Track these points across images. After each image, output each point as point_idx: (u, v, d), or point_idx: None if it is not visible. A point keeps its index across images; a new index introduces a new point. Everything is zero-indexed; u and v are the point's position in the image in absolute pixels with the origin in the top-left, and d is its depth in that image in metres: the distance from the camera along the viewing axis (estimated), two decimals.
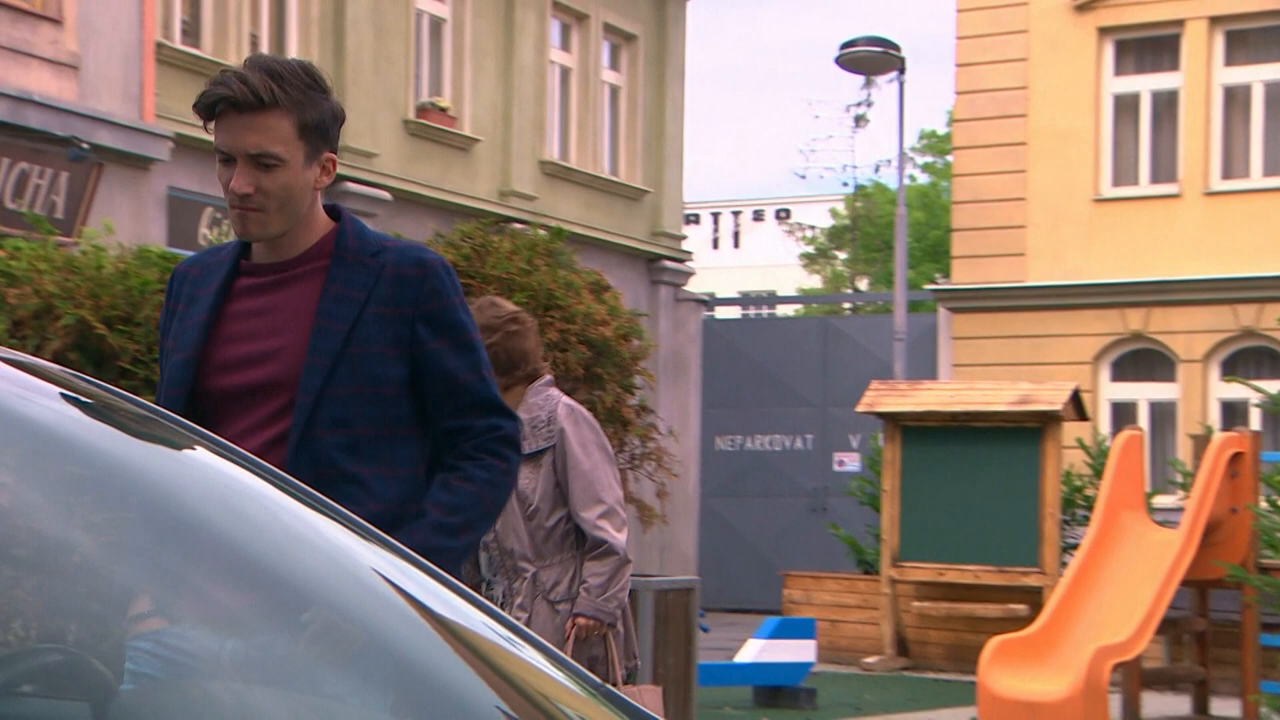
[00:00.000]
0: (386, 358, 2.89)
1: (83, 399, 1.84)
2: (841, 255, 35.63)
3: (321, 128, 2.87)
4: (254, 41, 13.48)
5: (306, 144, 2.86)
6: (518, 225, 10.11)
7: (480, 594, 3.80)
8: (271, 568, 1.74)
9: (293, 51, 13.79)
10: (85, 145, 11.17)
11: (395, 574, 1.80)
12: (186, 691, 1.60)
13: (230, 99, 2.81)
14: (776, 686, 10.09)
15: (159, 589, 1.68)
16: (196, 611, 1.67)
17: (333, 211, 2.99)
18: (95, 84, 11.63)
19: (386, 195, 14.32)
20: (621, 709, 1.75)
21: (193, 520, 1.75)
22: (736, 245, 49.92)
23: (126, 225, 10.95)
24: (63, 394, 1.81)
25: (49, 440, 1.75)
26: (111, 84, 11.76)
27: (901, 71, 15.38)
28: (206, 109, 2.84)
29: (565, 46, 17.21)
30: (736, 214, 50.64)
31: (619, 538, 4.34)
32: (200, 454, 1.85)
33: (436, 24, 15.46)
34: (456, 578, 2.03)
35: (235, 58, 12.97)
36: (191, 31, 13.06)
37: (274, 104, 2.81)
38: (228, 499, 1.81)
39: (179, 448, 1.85)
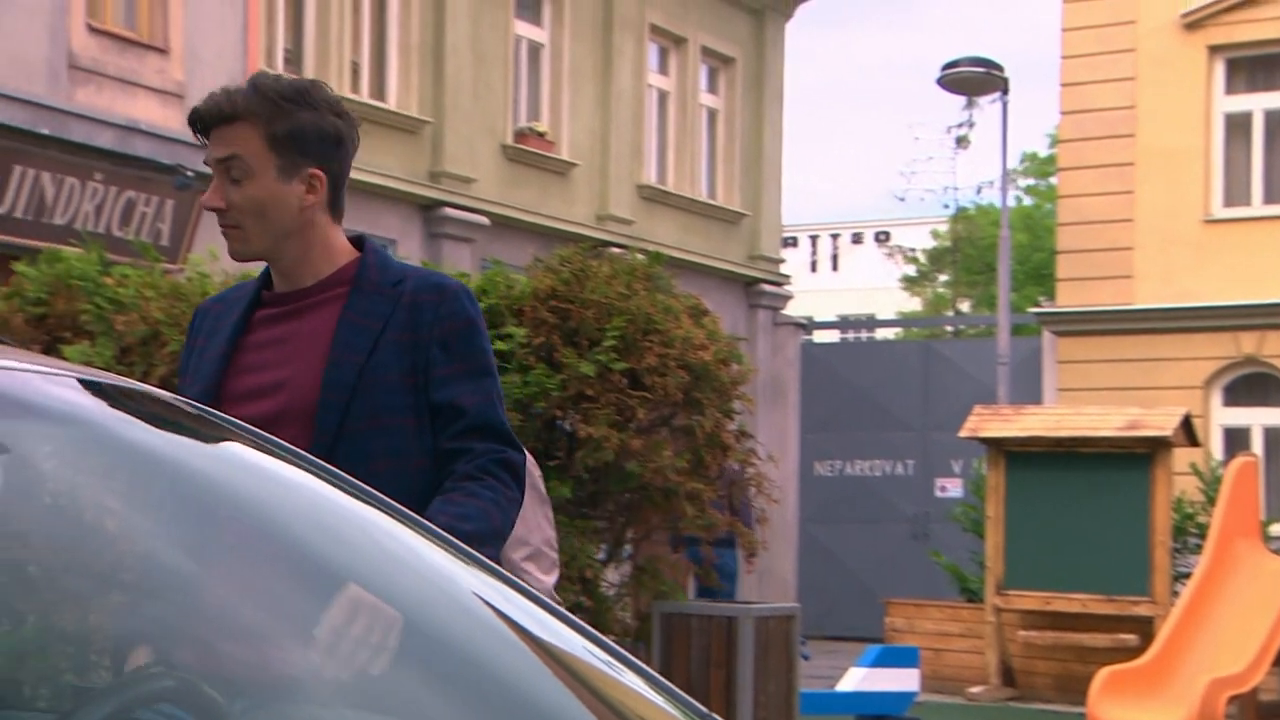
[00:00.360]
0: (404, 387, 2.77)
1: (189, 426, 1.83)
2: (942, 278, 35.28)
3: (297, 140, 2.75)
4: (354, 69, 13.62)
5: (278, 156, 2.74)
6: (615, 249, 10.08)
7: None
8: (375, 592, 1.72)
9: (393, 78, 13.91)
10: (190, 173, 11.33)
11: (495, 597, 1.78)
12: (292, 715, 1.59)
13: (199, 114, 2.77)
14: (879, 716, 9.92)
15: (265, 614, 1.68)
16: (301, 636, 1.67)
17: (358, 242, 2.89)
18: None
19: (484, 220, 14.38)
20: None
21: (300, 546, 1.75)
22: (835, 268, 49.68)
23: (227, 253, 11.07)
24: (168, 421, 1.80)
25: (156, 466, 1.74)
26: None
27: (1005, 92, 15.19)
28: (193, 129, 2.81)
29: (663, 70, 17.21)
30: (835, 237, 50.41)
31: (545, 580, 4.18)
32: (305, 479, 1.83)
33: (535, 49, 15.52)
34: None
35: (337, 85, 13.10)
36: (294, 59, 13.21)
37: (236, 115, 2.73)
38: (333, 524, 1.79)
39: (285, 473, 1.83)
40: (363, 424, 2.73)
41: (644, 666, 1.84)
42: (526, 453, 2.95)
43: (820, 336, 23.51)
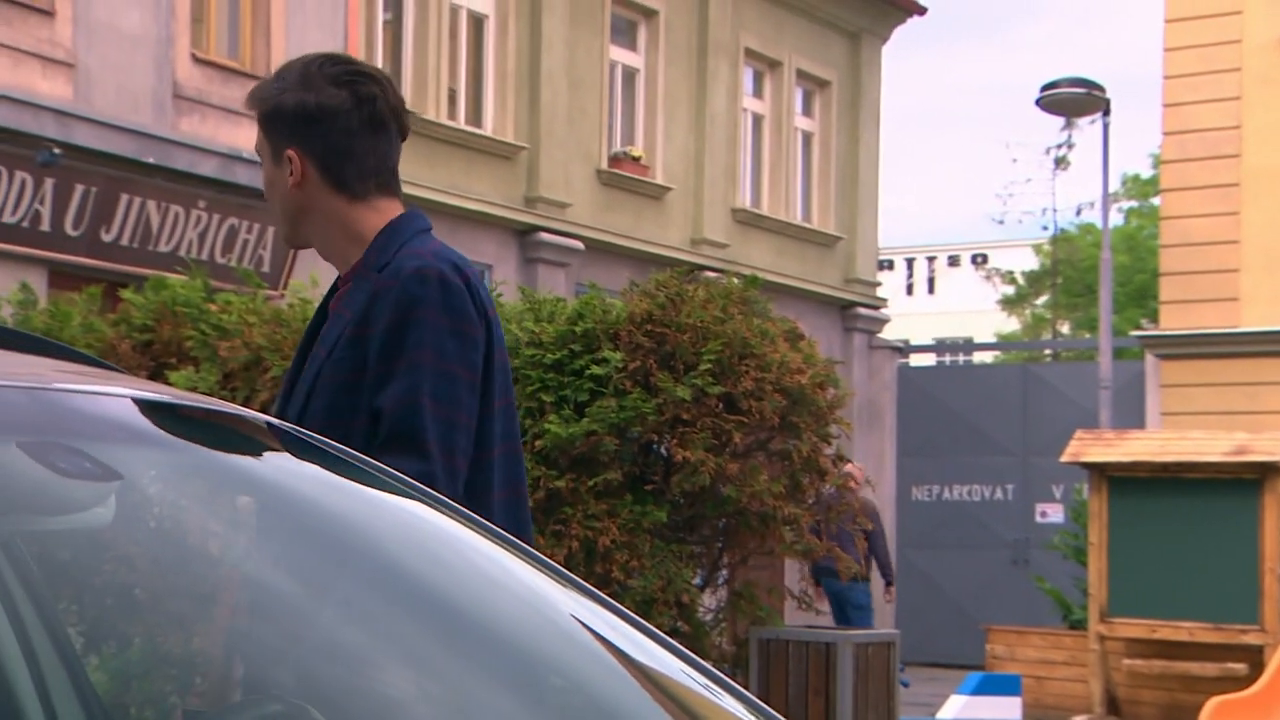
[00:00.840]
0: (357, 387, 2.54)
1: (290, 451, 1.84)
2: (1041, 300, 34.86)
3: (274, 122, 2.66)
4: (451, 95, 13.75)
5: (267, 140, 2.70)
6: (710, 273, 10.07)
7: None
8: (475, 615, 1.72)
9: (489, 105, 14.03)
10: None
11: (593, 620, 1.77)
12: None
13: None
14: None
15: (368, 638, 1.68)
16: (407, 661, 1.67)
17: (401, 221, 2.70)
18: None
19: (579, 245, 14.43)
20: None
21: (400, 569, 1.75)
22: (931, 291, 49.27)
23: (328, 278, 11.19)
24: (270, 447, 1.81)
25: (260, 491, 1.75)
26: None
27: (1106, 113, 14.98)
28: None
29: (758, 94, 17.19)
30: (931, 259, 50.02)
31: None
32: (403, 501, 1.83)
33: (630, 74, 15.58)
34: None
35: (434, 112, 13.23)
36: None
37: (251, 107, 2.74)
38: (433, 547, 1.79)
39: (381, 496, 1.84)
40: (316, 424, 2.47)
41: (743, 691, 1.82)
42: (448, 462, 2.52)
43: (917, 360, 23.31)
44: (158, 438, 1.70)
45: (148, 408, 1.72)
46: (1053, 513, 17.44)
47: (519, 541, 1.90)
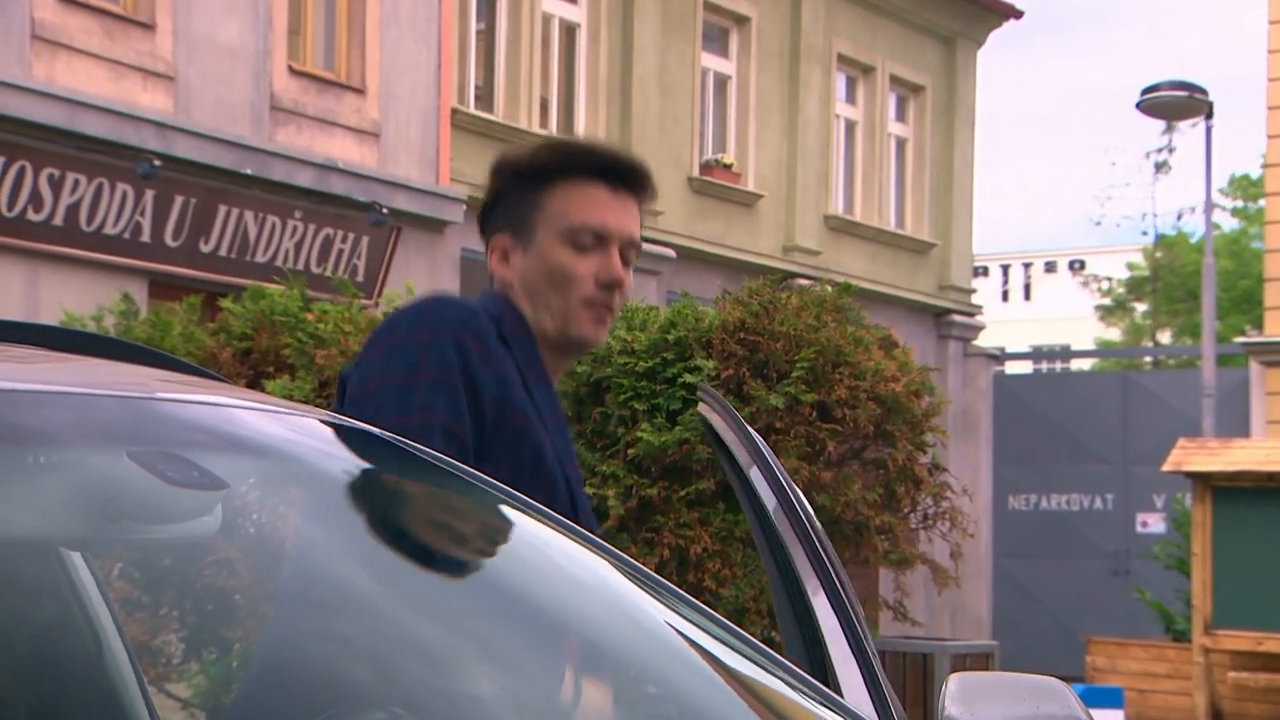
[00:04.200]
0: None
1: (392, 459, 1.84)
2: (1140, 307, 34.33)
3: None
4: (544, 105, 13.80)
5: None
6: (802, 281, 10.02)
7: None
8: (571, 623, 1.72)
9: (581, 113, 14.07)
10: (385, 210, 11.59)
11: (687, 627, 1.75)
12: None
13: (625, 170, 2.41)
14: None
15: (466, 644, 1.68)
16: (500, 666, 1.67)
17: None
18: (394, 150, 12.08)
19: (671, 253, 14.43)
20: None
21: (499, 577, 1.75)
22: (1027, 298, 48.71)
23: (422, 286, 11.29)
24: (371, 455, 1.81)
25: (360, 499, 1.76)
26: (410, 150, 12.20)
27: (1208, 116, 14.71)
28: (592, 169, 2.40)
29: (851, 100, 17.09)
30: (1027, 266, 49.45)
31: None
32: (499, 507, 1.83)
33: (721, 81, 15.55)
34: None
35: (527, 121, 13.30)
36: (485, 96, 13.45)
37: (643, 190, 2.44)
38: (530, 555, 1.79)
39: (479, 503, 1.83)
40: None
41: (839, 700, 1.79)
42: None
43: (1013, 368, 23.04)
44: (260, 446, 1.70)
45: (251, 417, 1.73)
46: (1154, 523, 17.14)
47: (612, 548, 1.89)
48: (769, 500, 2.19)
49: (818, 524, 2.21)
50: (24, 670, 1.53)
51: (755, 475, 2.21)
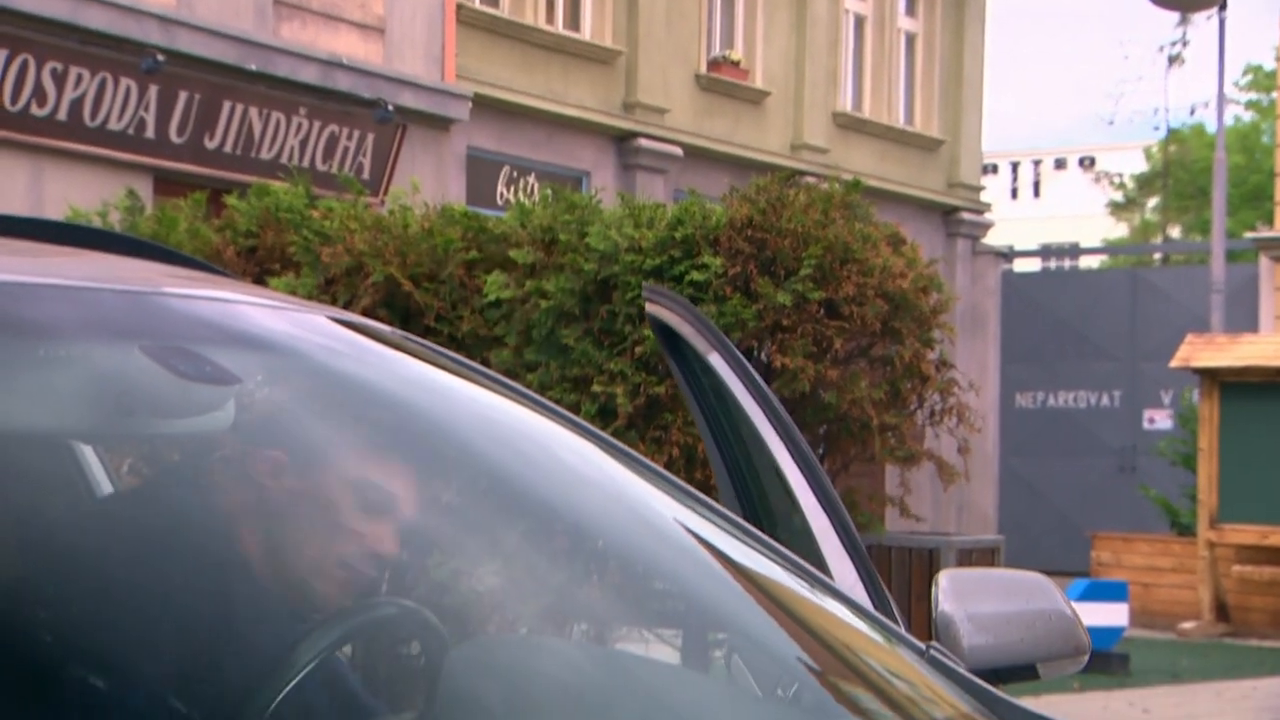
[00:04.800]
0: None
1: (401, 354, 1.84)
2: (1151, 203, 34.13)
3: None
4: (550, 1, 13.64)
5: None
6: (810, 179, 9.95)
7: None
8: (586, 522, 1.72)
9: (587, 9, 13.90)
10: (390, 107, 11.50)
11: (695, 522, 1.76)
12: (509, 644, 1.60)
13: None
14: None
15: (475, 541, 1.69)
16: (512, 565, 1.68)
17: None
18: (400, 46, 11.96)
19: (678, 151, 14.33)
20: (927, 661, 1.67)
21: (510, 474, 1.76)
22: (1037, 195, 48.45)
23: (428, 185, 11.24)
24: (385, 351, 1.81)
25: (375, 395, 1.76)
26: (415, 46, 12.08)
27: (1222, 8, 14.51)
28: None
29: None
30: (1037, 163, 49.12)
31: None
32: (514, 407, 1.83)
33: None
34: None
35: (533, 17, 13.15)
36: None
37: None
38: (540, 453, 1.79)
39: (493, 400, 1.83)
40: None
41: (844, 593, 1.80)
42: None
43: (1021, 265, 22.98)
44: (268, 342, 1.70)
45: (258, 312, 1.72)
46: (1161, 419, 17.19)
47: (623, 446, 1.90)
48: (735, 386, 2.20)
49: (787, 416, 2.22)
50: (37, 565, 1.54)
51: (716, 361, 2.22)
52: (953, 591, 1.86)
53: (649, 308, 2.38)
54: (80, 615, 1.48)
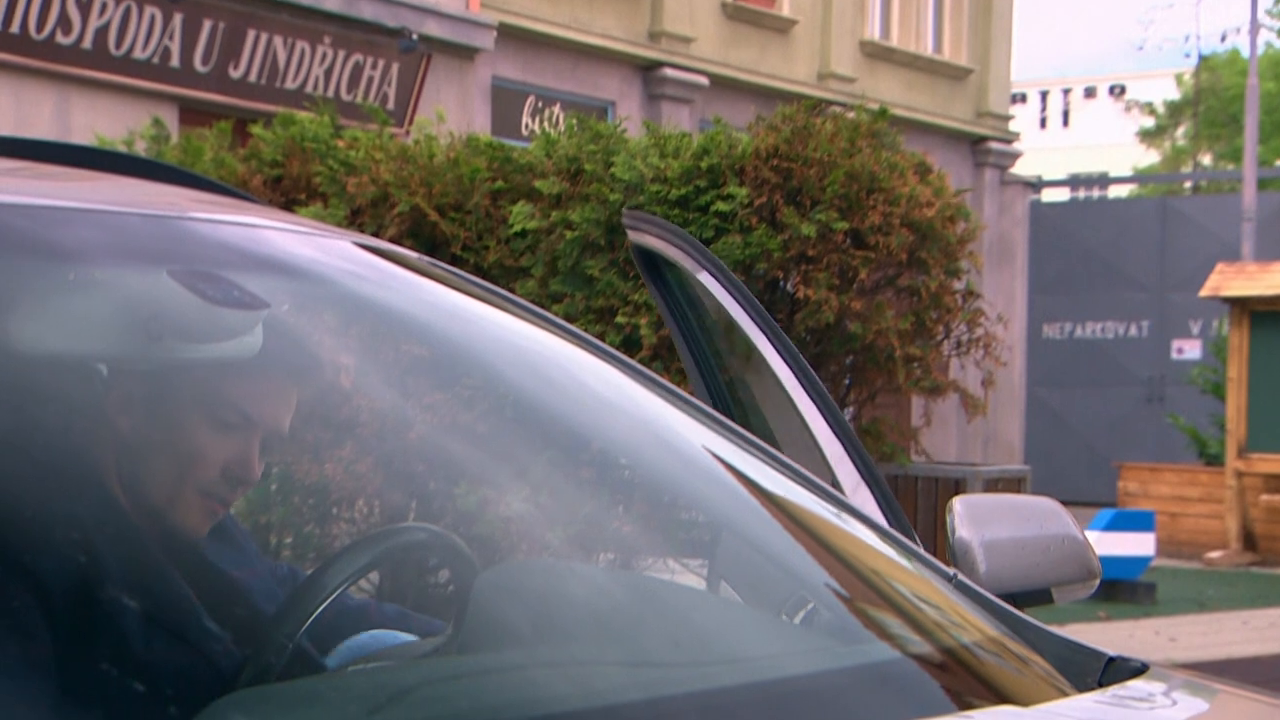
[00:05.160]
0: None
1: (427, 281, 1.84)
2: (1181, 132, 33.79)
3: None
4: None
5: None
6: (837, 108, 9.88)
7: None
8: (612, 445, 1.72)
9: None
10: (415, 36, 11.44)
11: (722, 448, 1.76)
12: (537, 568, 1.61)
13: None
14: (1112, 580, 9.74)
15: (503, 467, 1.69)
16: (540, 491, 1.68)
17: None
18: None
19: (704, 80, 14.23)
20: (954, 586, 1.67)
21: (539, 402, 1.76)
22: (1066, 124, 48.03)
23: (453, 114, 11.21)
24: (411, 277, 1.81)
25: (403, 322, 1.76)
26: None
27: None
28: None
29: None
30: (1066, 92, 48.65)
31: None
32: (542, 334, 1.82)
33: None
34: None
35: None
36: None
37: None
38: (565, 378, 1.79)
39: (521, 327, 1.83)
40: None
41: (870, 518, 1.81)
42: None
43: (1049, 195, 22.81)
44: (295, 268, 1.70)
45: (285, 238, 1.72)
46: (1189, 349, 17.12)
47: (650, 373, 1.89)
48: (734, 310, 2.18)
49: (788, 339, 2.20)
50: (64, 490, 1.55)
51: (706, 279, 2.20)
52: (968, 517, 1.86)
53: (632, 235, 2.34)
54: (107, 537, 1.50)
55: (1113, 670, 1.58)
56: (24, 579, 1.38)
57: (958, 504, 1.90)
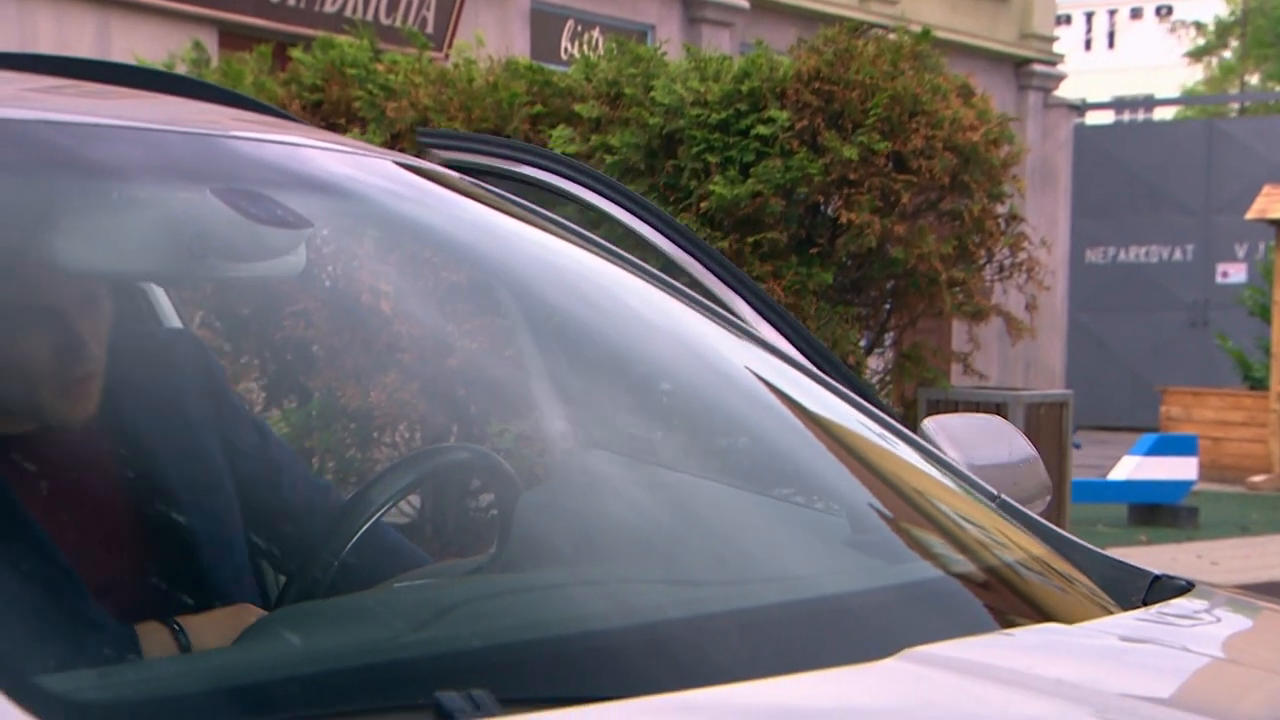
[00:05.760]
0: None
1: (467, 200, 1.83)
2: (1229, 52, 33.25)
3: None
4: None
5: None
6: (878, 30, 9.76)
7: None
8: (659, 369, 1.72)
9: None
10: None
11: (765, 367, 1.75)
12: (576, 487, 1.62)
13: None
14: (1154, 505, 9.71)
15: (547, 388, 1.69)
16: (581, 410, 1.68)
17: None
18: None
19: (744, 3, 14.09)
20: (1000, 506, 1.67)
21: (576, 318, 1.75)
22: (1111, 46, 47.35)
23: (492, 39, 11.14)
24: (452, 196, 1.80)
25: (446, 241, 1.75)
26: None
27: None
28: None
29: None
30: (1112, 13, 47.92)
31: None
32: (580, 253, 1.81)
33: None
34: None
35: None
36: None
37: None
38: (606, 297, 1.78)
39: (562, 246, 1.82)
40: None
41: (915, 437, 1.80)
42: None
43: (1094, 118, 22.55)
44: (337, 187, 1.69)
45: (326, 157, 1.72)
46: (1234, 273, 16.95)
47: (691, 292, 1.88)
48: (633, 223, 2.10)
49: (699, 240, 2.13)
50: (112, 408, 1.56)
51: (601, 204, 2.13)
52: (947, 437, 1.85)
53: (442, 155, 2.24)
54: (159, 456, 1.51)
55: (1158, 589, 1.57)
56: (82, 491, 1.39)
57: (932, 424, 1.90)
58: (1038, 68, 17.49)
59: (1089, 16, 47.80)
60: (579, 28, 13.03)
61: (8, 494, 1.40)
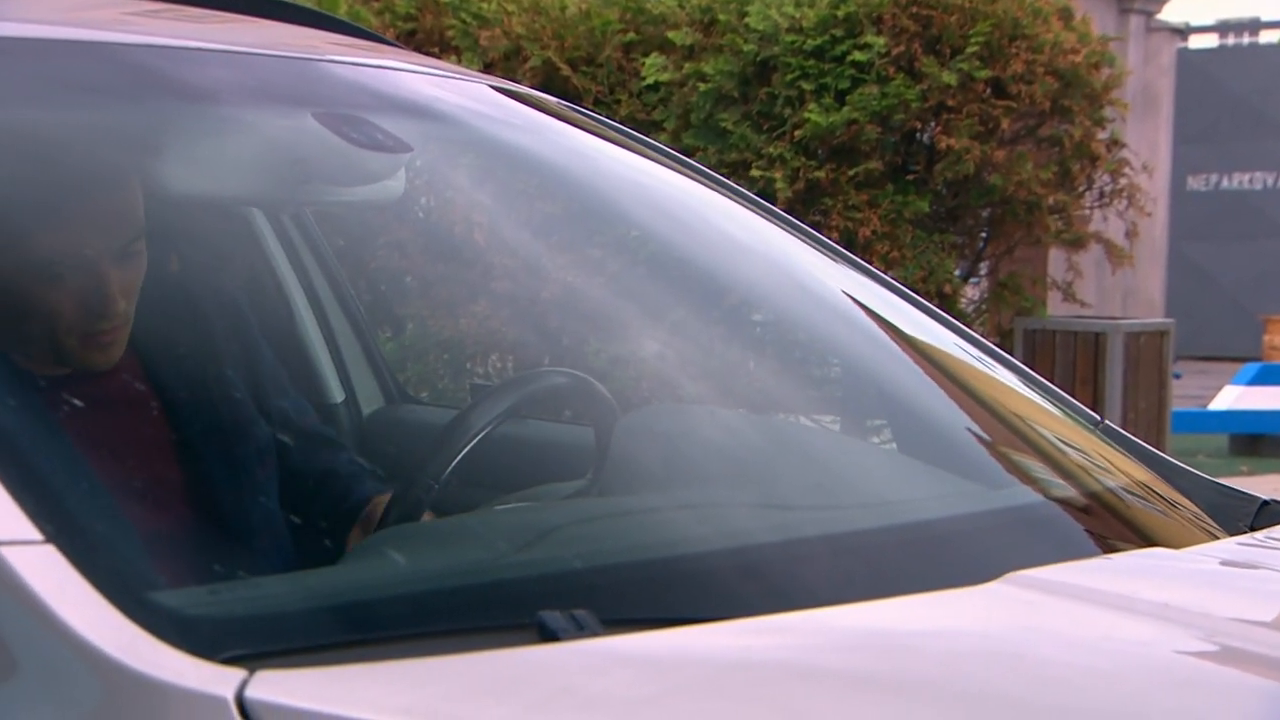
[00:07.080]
0: None
1: (563, 124, 1.82)
2: None
3: None
4: None
5: None
6: None
7: None
8: (747, 290, 1.72)
9: None
10: None
11: (863, 294, 1.74)
12: (674, 411, 1.62)
13: None
14: (1255, 435, 9.57)
15: (644, 313, 1.69)
16: (678, 335, 1.69)
17: None
18: None
19: None
20: (1102, 431, 1.64)
21: (674, 244, 1.75)
22: None
23: None
24: (549, 120, 1.80)
25: (542, 165, 1.75)
26: None
27: None
28: None
29: None
30: None
31: None
32: (678, 179, 1.81)
33: None
34: None
35: None
36: None
37: None
38: (704, 223, 1.77)
39: (664, 174, 1.81)
40: None
41: (1016, 362, 1.78)
42: None
43: (1197, 42, 22.01)
44: (435, 110, 1.69)
45: (423, 82, 1.72)
46: None
47: (790, 218, 1.87)
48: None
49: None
50: (217, 331, 1.58)
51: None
52: None
53: None
54: (267, 368, 1.53)
55: (1265, 514, 1.55)
56: (125, 430, 1.41)
57: None
58: None
59: None
60: None
61: (78, 427, 1.43)
